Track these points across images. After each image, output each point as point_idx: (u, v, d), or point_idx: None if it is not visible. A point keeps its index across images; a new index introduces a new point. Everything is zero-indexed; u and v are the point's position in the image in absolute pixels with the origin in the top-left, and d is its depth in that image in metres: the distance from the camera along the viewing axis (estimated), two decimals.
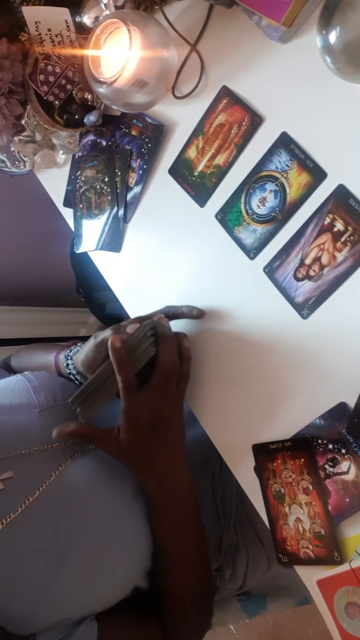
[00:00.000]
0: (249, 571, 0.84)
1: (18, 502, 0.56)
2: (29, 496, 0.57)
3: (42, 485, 0.58)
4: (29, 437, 0.63)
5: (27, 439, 0.63)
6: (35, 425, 0.65)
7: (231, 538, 0.84)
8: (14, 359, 0.90)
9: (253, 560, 0.84)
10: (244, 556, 0.84)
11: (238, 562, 0.84)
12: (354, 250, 0.55)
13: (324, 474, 0.57)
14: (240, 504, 0.86)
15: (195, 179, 0.70)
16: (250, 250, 0.65)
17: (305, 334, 0.60)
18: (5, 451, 0.60)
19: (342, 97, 0.56)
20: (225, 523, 0.84)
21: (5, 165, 0.88)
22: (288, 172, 0.60)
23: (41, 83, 0.71)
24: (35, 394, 0.69)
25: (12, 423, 0.64)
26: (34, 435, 0.64)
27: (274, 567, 0.86)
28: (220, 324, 0.69)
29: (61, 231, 1.07)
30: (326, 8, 0.50)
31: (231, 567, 0.84)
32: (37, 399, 0.68)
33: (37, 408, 0.67)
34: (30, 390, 0.69)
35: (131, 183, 0.78)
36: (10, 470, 0.58)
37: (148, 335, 0.61)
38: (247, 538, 0.85)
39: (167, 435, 0.63)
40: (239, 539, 0.84)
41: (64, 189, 0.89)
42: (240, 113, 0.64)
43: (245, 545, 0.84)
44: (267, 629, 1.57)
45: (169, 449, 0.63)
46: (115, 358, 0.59)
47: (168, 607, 0.65)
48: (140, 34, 0.60)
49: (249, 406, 0.66)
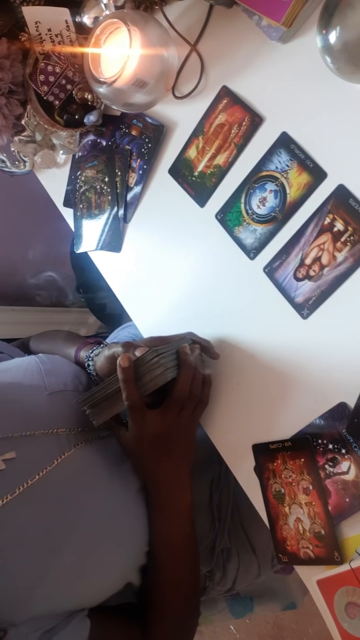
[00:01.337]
0: (239, 576, 0.84)
1: (17, 484, 0.55)
2: (29, 479, 0.56)
3: (43, 470, 0.58)
4: (35, 419, 0.63)
5: (33, 420, 0.62)
6: (43, 407, 0.65)
7: (224, 543, 0.84)
8: (34, 343, 0.89)
9: (244, 567, 0.84)
10: (235, 562, 0.84)
11: (229, 567, 0.84)
12: (354, 250, 0.55)
13: (324, 474, 0.57)
14: (235, 511, 0.86)
15: (195, 179, 0.70)
16: (250, 250, 0.65)
17: (305, 334, 0.60)
18: (11, 430, 0.59)
19: (342, 97, 0.56)
20: (219, 528, 0.84)
21: (6, 165, 0.88)
22: (288, 172, 0.60)
23: (41, 83, 0.71)
24: (46, 377, 0.69)
25: (20, 403, 0.64)
26: (40, 417, 0.63)
27: (264, 573, 0.86)
28: (220, 324, 0.69)
29: (61, 231, 1.07)
30: (326, 8, 0.50)
31: (221, 570, 0.84)
32: (47, 381, 0.68)
33: (47, 391, 0.67)
34: (42, 372, 0.69)
35: (131, 183, 0.78)
36: (13, 451, 0.57)
37: (169, 359, 0.61)
38: (240, 545, 0.85)
39: (172, 454, 0.63)
40: (232, 545, 0.84)
41: (64, 189, 0.89)
42: (240, 113, 0.64)
43: (237, 551, 0.84)
44: (267, 629, 1.57)
45: (171, 468, 0.63)
46: (121, 377, 0.59)
47: (153, 618, 0.64)
48: (141, 33, 0.60)
49: (249, 406, 0.66)
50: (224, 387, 0.68)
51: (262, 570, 0.85)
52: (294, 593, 0.94)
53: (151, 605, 0.64)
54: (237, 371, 0.67)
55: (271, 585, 0.94)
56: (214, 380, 0.69)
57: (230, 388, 0.67)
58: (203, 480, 0.86)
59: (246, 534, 0.85)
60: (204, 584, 0.85)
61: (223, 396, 0.68)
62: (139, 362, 0.60)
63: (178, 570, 0.65)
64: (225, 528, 0.84)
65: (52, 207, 0.92)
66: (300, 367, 0.61)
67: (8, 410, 0.62)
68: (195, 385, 0.63)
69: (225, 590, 0.86)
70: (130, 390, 0.59)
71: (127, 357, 0.60)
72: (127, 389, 0.59)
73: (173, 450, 0.63)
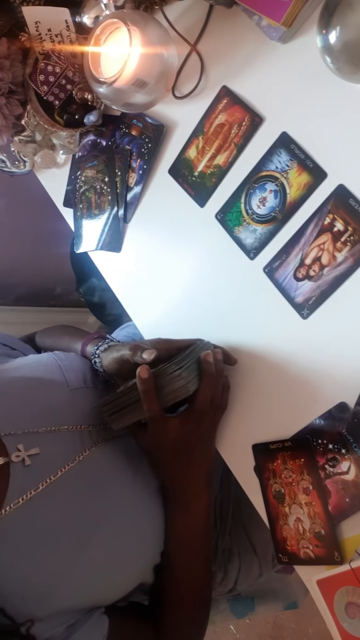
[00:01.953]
0: (240, 577, 0.84)
1: (40, 480, 0.55)
2: (52, 475, 0.56)
3: (66, 466, 0.58)
4: (59, 415, 0.63)
5: (57, 416, 0.62)
6: (66, 403, 0.65)
7: (225, 544, 0.84)
8: (39, 338, 0.89)
9: (245, 567, 0.84)
10: (237, 562, 0.84)
11: (230, 567, 0.84)
12: (354, 250, 0.55)
13: (324, 474, 0.57)
14: (236, 512, 0.86)
15: (195, 179, 0.70)
16: (250, 250, 0.65)
17: (305, 334, 0.60)
18: (35, 425, 0.59)
19: (342, 97, 0.56)
20: (220, 528, 0.84)
21: (6, 165, 0.88)
22: (288, 172, 0.60)
23: (41, 83, 0.71)
24: (66, 373, 0.68)
25: (43, 398, 0.64)
26: (64, 413, 0.63)
27: (265, 573, 0.86)
28: (220, 324, 0.69)
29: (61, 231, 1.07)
30: (326, 8, 0.50)
31: (223, 571, 0.84)
32: (67, 377, 0.68)
33: (69, 387, 0.67)
34: (61, 369, 0.69)
35: (131, 183, 0.78)
36: (38, 447, 0.57)
37: (192, 369, 0.60)
38: (241, 545, 0.85)
39: (191, 460, 0.63)
40: (233, 545, 0.85)
41: (64, 189, 0.89)
42: (240, 113, 0.64)
43: (238, 552, 0.84)
44: (267, 629, 1.57)
45: (190, 471, 0.63)
46: (142, 388, 0.58)
47: (166, 618, 0.64)
48: (140, 33, 0.60)
49: (249, 406, 0.66)
50: None
51: (264, 571, 0.85)
52: (295, 592, 0.94)
53: (165, 604, 0.65)
54: (236, 371, 0.67)
55: (272, 585, 0.94)
56: None
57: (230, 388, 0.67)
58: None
59: (247, 535, 0.85)
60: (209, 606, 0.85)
61: None
62: (160, 374, 0.59)
63: (193, 571, 0.65)
64: (227, 528, 0.84)
65: (52, 207, 0.92)
66: (300, 367, 0.61)
67: (32, 405, 0.62)
68: (217, 394, 0.62)
69: (227, 591, 0.86)
70: (151, 401, 0.58)
71: (146, 369, 0.58)
72: (147, 400, 0.58)
73: (192, 456, 0.63)
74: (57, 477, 0.57)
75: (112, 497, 0.59)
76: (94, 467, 0.60)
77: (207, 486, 0.65)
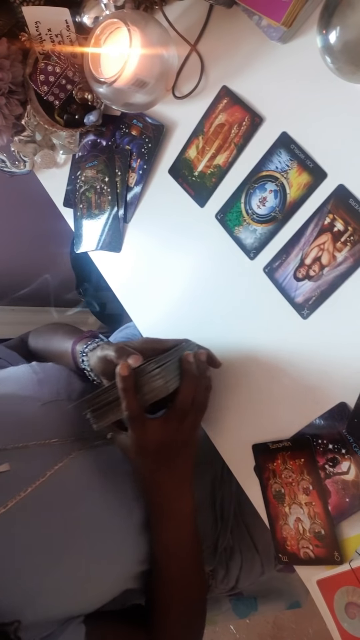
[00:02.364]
0: (242, 575, 0.84)
1: (9, 496, 0.55)
2: (21, 492, 0.56)
3: (36, 481, 0.58)
4: (29, 430, 0.62)
5: (26, 432, 0.62)
6: (36, 418, 0.65)
7: (227, 542, 0.84)
8: (33, 338, 0.89)
9: (247, 565, 0.84)
10: (238, 560, 0.84)
11: (232, 565, 0.84)
12: (354, 250, 0.55)
13: (324, 474, 0.57)
14: (238, 510, 0.86)
15: (195, 179, 0.70)
16: (250, 250, 0.65)
17: (305, 334, 0.60)
18: (4, 443, 0.59)
19: (342, 97, 0.56)
20: (222, 526, 0.84)
21: (6, 165, 0.88)
22: (288, 172, 0.60)
23: (41, 83, 0.71)
24: (39, 387, 0.68)
25: (14, 415, 0.64)
26: (33, 428, 0.63)
27: (267, 572, 0.86)
28: (220, 324, 0.69)
29: (61, 231, 1.07)
30: (326, 8, 0.50)
31: (224, 569, 0.84)
32: (41, 392, 0.68)
33: (40, 401, 0.67)
34: (35, 383, 0.69)
35: (131, 183, 0.78)
36: (7, 463, 0.57)
37: (172, 368, 0.59)
38: (243, 543, 0.84)
39: (173, 463, 0.62)
40: (235, 543, 0.84)
41: (64, 189, 0.89)
42: (240, 113, 0.64)
43: (240, 550, 0.84)
44: (267, 629, 1.57)
45: (173, 475, 0.63)
46: (121, 385, 0.57)
47: (157, 623, 0.64)
48: (140, 33, 0.60)
49: (249, 406, 0.66)
50: (223, 387, 0.68)
51: (266, 569, 0.85)
52: (298, 592, 0.94)
53: (156, 610, 0.64)
54: (236, 371, 0.67)
55: (275, 584, 0.94)
56: (213, 380, 0.69)
57: (230, 388, 0.67)
58: (205, 479, 0.86)
59: (249, 532, 0.85)
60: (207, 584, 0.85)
61: (223, 396, 0.68)
62: (139, 372, 0.58)
63: (183, 577, 0.64)
64: (228, 526, 0.84)
65: (52, 207, 0.92)
66: (300, 367, 0.61)
67: (2, 422, 0.62)
68: (198, 394, 0.61)
69: (228, 589, 0.86)
70: (129, 400, 0.57)
71: (126, 366, 0.58)
72: (126, 398, 0.57)
73: (174, 459, 0.62)
74: (27, 494, 0.56)
75: (83, 510, 0.59)
76: (66, 480, 0.60)
77: (190, 490, 0.65)
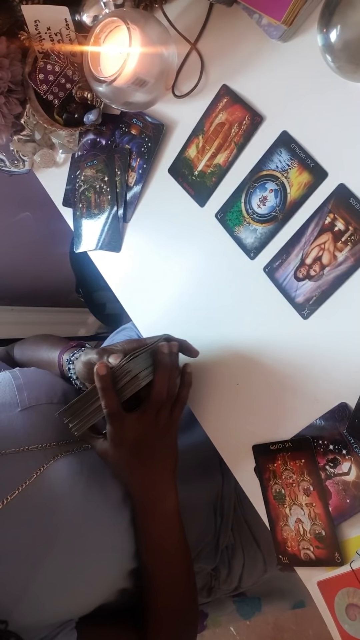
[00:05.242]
0: (245, 573, 0.84)
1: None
2: (3, 499, 0.56)
3: (16, 490, 0.57)
4: (6, 438, 0.62)
5: (4, 439, 0.62)
6: (14, 425, 0.64)
7: (228, 539, 0.84)
8: (18, 349, 0.88)
9: (249, 562, 0.84)
10: (240, 558, 0.83)
11: (234, 563, 0.83)
12: (355, 250, 0.55)
13: (324, 474, 0.57)
14: (238, 506, 0.86)
15: (195, 179, 0.70)
16: (250, 250, 0.65)
17: (305, 334, 0.60)
18: None
19: (342, 96, 0.55)
20: (222, 524, 0.84)
21: (5, 165, 0.88)
22: (288, 172, 0.60)
23: (40, 82, 0.70)
24: (18, 393, 0.68)
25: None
26: (11, 435, 0.63)
27: (270, 569, 0.85)
28: (220, 324, 0.69)
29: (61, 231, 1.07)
30: (327, 6, 0.50)
31: (227, 567, 0.84)
32: (19, 397, 0.67)
33: (19, 407, 0.66)
34: (14, 389, 0.68)
35: (131, 182, 0.78)
36: None
37: (144, 362, 0.60)
38: (245, 540, 0.84)
39: (153, 458, 0.62)
40: (236, 540, 0.84)
41: (63, 188, 0.89)
42: (240, 112, 0.64)
43: (242, 547, 0.84)
44: (267, 630, 1.57)
45: (154, 471, 0.63)
46: (99, 385, 0.58)
47: (149, 624, 0.64)
48: (140, 32, 0.60)
49: (249, 406, 0.65)
50: (223, 387, 0.68)
51: (268, 566, 0.85)
52: (303, 591, 0.94)
53: (147, 611, 0.64)
54: (236, 371, 0.67)
55: (279, 584, 0.94)
56: (214, 381, 0.69)
57: (230, 388, 0.67)
58: (205, 477, 0.86)
59: (250, 528, 0.85)
60: (209, 584, 0.84)
61: (223, 396, 0.68)
62: (114, 368, 0.59)
63: (171, 576, 0.64)
64: (229, 524, 0.84)
65: (52, 206, 0.91)
66: (301, 367, 0.60)
67: None
68: (173, 385, 0.62)
69: (232, 589, 0.86)
70: (108, 397, 0.58)
71: (103, 365, 0.58)
72: (105, 396, 0.58)
73: (154, 453, 0.62)
74: (7, 503, 0.56)
75: (65, 514, 0.58)
76: (46, 486, 0.60)
77: (173, 486, 0.65)
